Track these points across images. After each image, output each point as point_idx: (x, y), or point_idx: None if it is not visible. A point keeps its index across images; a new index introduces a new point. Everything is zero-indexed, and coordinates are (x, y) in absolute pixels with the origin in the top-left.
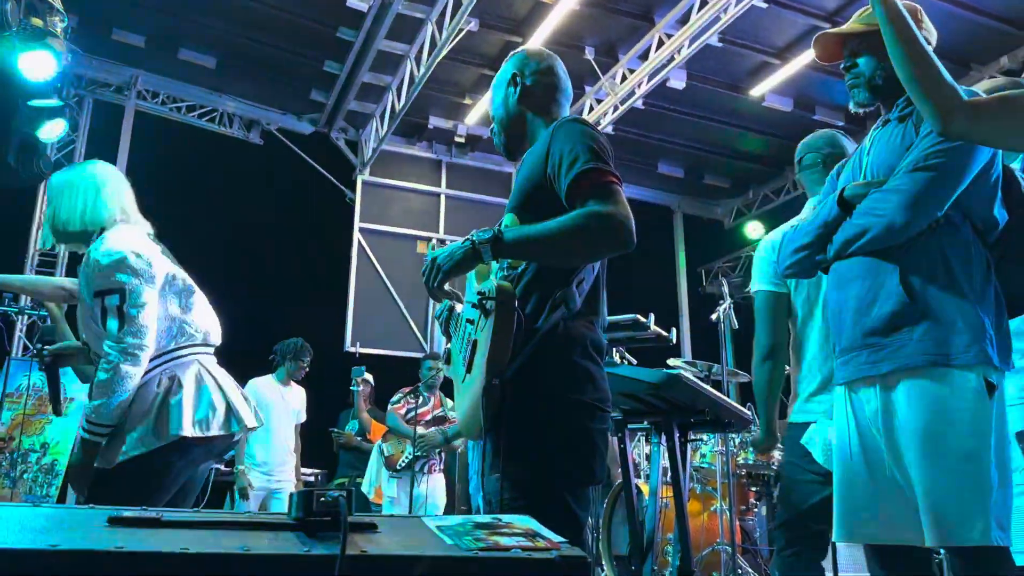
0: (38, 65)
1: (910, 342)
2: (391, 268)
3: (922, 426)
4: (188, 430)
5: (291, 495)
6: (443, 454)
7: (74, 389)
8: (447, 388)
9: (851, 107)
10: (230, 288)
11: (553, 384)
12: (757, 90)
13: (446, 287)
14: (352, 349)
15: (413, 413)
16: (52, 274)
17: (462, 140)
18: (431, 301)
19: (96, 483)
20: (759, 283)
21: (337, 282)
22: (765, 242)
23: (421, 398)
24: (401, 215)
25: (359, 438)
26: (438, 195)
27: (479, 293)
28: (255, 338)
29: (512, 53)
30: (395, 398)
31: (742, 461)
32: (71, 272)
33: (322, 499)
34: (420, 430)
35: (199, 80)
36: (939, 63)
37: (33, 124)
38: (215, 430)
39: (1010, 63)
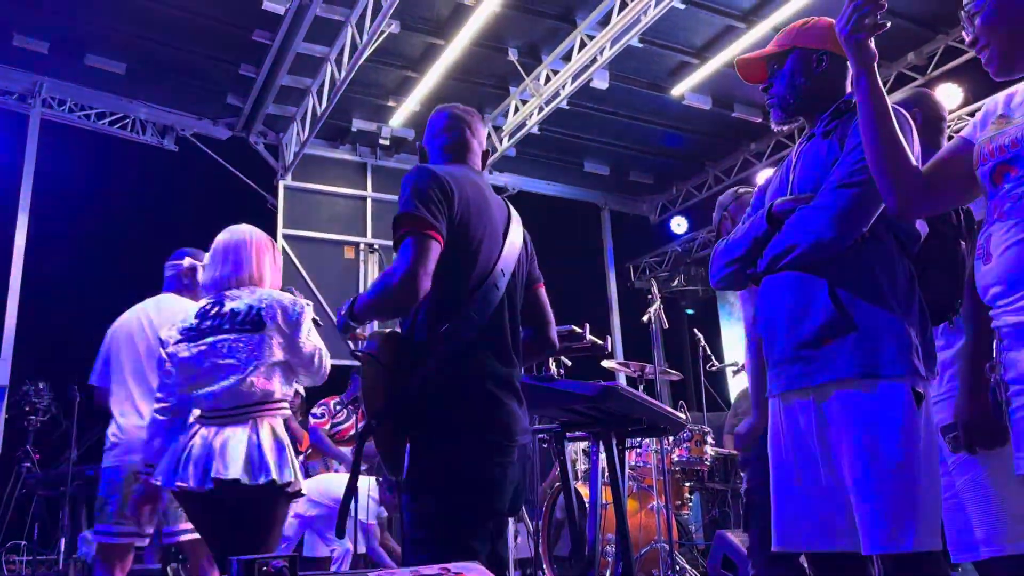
0: None
1: (841, 354)
2: (319, 274)
3: (854, 436)
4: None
5: (232, 562)
6: None
7: None
8: None
9: (772, 125)
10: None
11: (443, 420)
12: (677, 89)
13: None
14: None
15: (337, 429)
16: None
17: (387, 142)
18: None
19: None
20: None
21: None
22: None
23: (344, 413)
24: (327, 220)
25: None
26: (364, 199)
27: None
28: None
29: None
30: (316, 411)
31: (676, 458)
32: None
33: (265, 569)
34: (344, 450)
35: (108, 86)
36: (906, 145)
37: None
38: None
39: (916, 59)
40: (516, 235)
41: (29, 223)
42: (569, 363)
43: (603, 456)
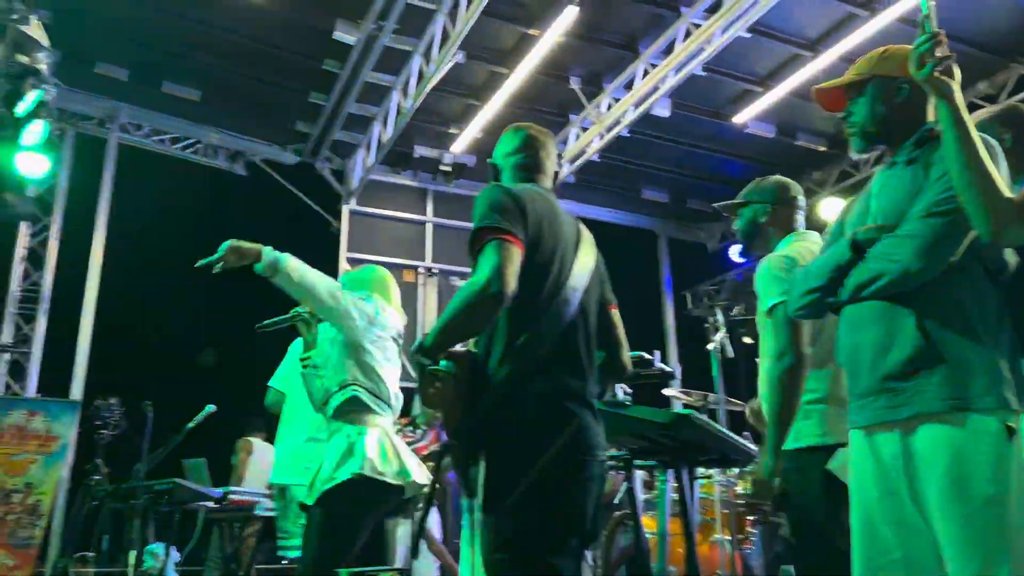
0: (23, 103)
1: (929, 387)
2: None
3: (943, 471)
4: (368, 471)
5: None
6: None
7: (60, 428)
8: None
9: (851, 154)
10: (218, 321)
11: (520, 438)
12: (740, 117)
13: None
14: None
15: (412, 447)
16: (34, 309)
17: (448, 169)
18: (420, 331)
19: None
20: (776, 297)
21: None
22: (772, 261)
23: (419, 432)
24: (388, 244)
25: None
26: (425, 223)
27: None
28: (245, 372)
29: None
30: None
31: (740, 491)
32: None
33: None
34: None
35: (183, 112)
36: (995, 171)
37: (15, 160)
38: (389, 477)
39: (987, 88)
40: (588, 254)
41: (105, 243)
42: (630, 390)
43: (672, 486)
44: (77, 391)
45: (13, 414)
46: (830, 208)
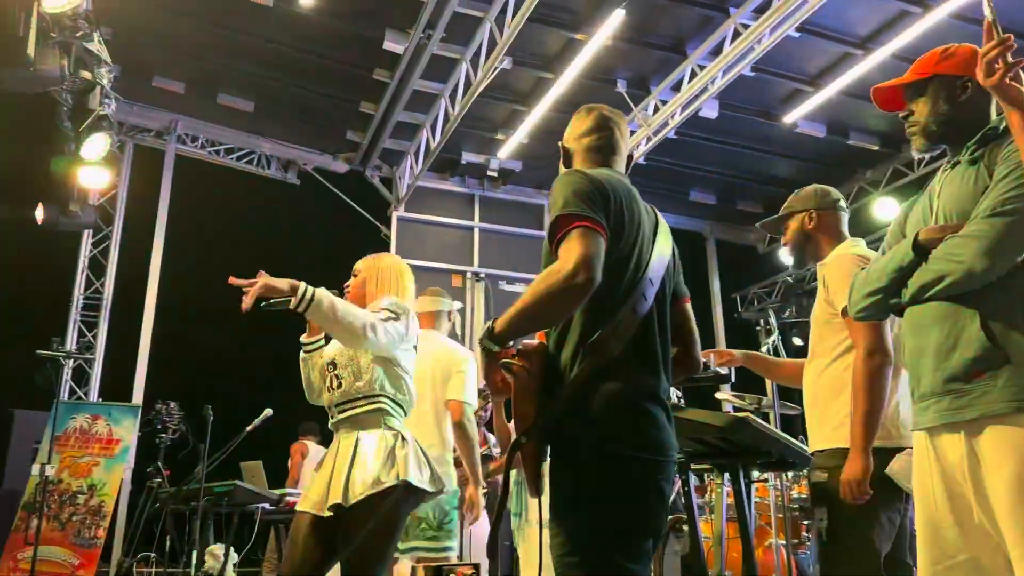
0: (85, 117)
1: (994, 388)
2: None
3: (1009, 473)
4: (413, 478)
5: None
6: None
7: (122, 432)
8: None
9: (912, 153)
10: (270, 326)
11: (594, 437)
12: (789, 117)
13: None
14: None
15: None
16: (96, 316)
17: (495, 174)
18: (469, 335)
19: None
20: None
21: None
22: (845, 260)
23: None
24: (436, 249)
25: None
26: (472, 229)
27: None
28: (298, 377)
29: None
30: None
31: (795, 495)
32: (115, 311)
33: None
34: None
35: (237, 123)
36: None
37: (77, 171)
38: (426, 484)
39: None
40: (665, 243)
41: (164, 251)
42: (680, 392)
43: (728, 489)
44: (138, 395)
45: (77, 418)
46: (884, 208)
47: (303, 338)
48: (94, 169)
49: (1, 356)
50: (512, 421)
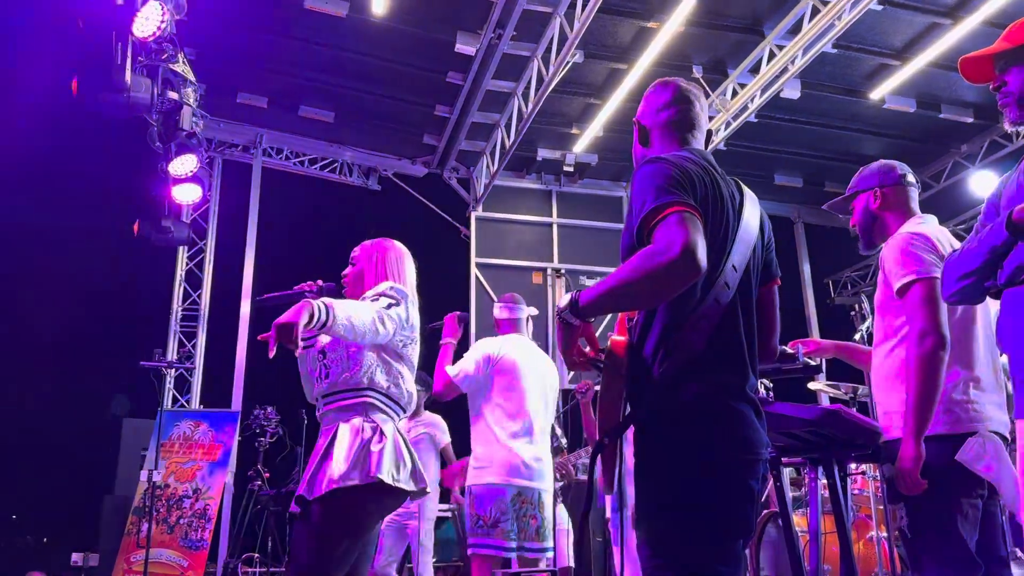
0: (176, 136)
1: None
2: None
3: None
4: (386, 476)
5: None
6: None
7: (223, 437)
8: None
9: (1005, 126)
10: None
11: (678, 437)
12: (876, 93)
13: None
14: None
15: None
16: (194, 327)
17: (571, 169)
18: (551, 331)
19: (301, 514)
20: (910, 276)
21: None
22: (900, 238)
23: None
24: (515, 247)
25: None
26: (550, 225)
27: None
28: None
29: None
30: None
31: None
32: (212, 321)
33: None
34: None
35: (319, 133)
36: None
37: (171, 188)
38: (404, 483)
39: None
40: (751, 222)
41: (255, 260)
42: (770, 384)
43: (822, 483)
44: (236, 402)
45: (180, 425)
46: (981, 183)
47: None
48: (186, 186)
49: (108, 368)
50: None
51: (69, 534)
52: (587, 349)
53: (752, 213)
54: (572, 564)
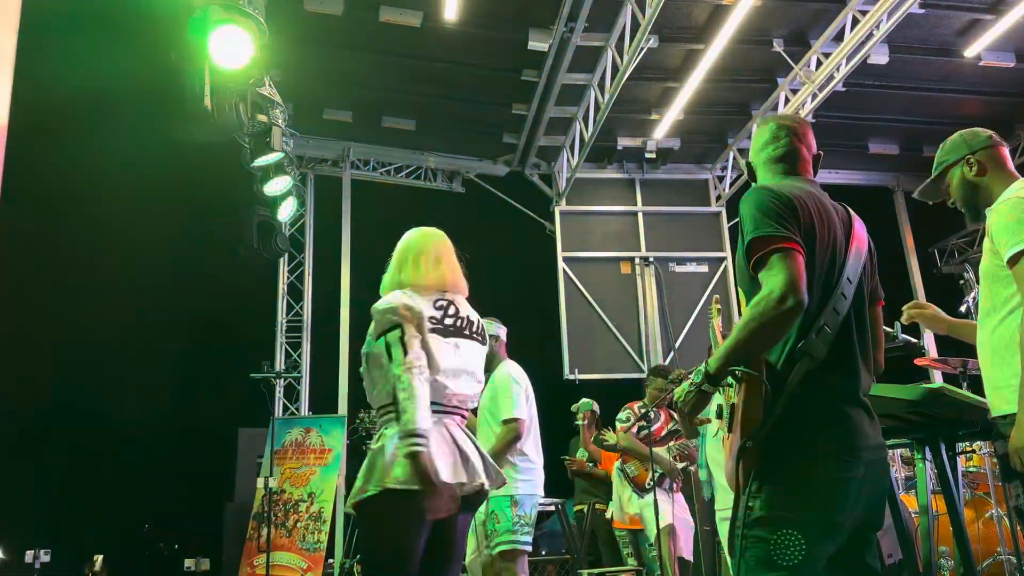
0: (269, 156)
1: None
2: (598, 292)
3: None
4: (393, 483)
5: None
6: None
7: (332, 442)
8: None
9: None
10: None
11: (794, 441)
12: (971, 50)
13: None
14: (571, 377)
15: (647, 431)
16: (299, 337)
17: (652, 155)
18: (643, 321)
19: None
20: (1021, 244)
21: (549, 312)
22: (1008, 203)
23: (653, 414)
24: (601, 239)
25: (590, 464)
26: (635, 213)
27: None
28: None
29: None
30: (622, 416)
31: None
32: (315, 330)
33: None
34: (657, 450)
35: (402, 142)
36: None
37: (268, 207)
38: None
39: None
40: (860, 241)
41: (351, 270)
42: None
43: (930, 463)
44: (343, 406)
45: (292, 432)
46: None
47: None
48: (282, 202)
49: (222, 381)
50: (735, 426)
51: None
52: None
53: (861, 235)
54: (691, 558)
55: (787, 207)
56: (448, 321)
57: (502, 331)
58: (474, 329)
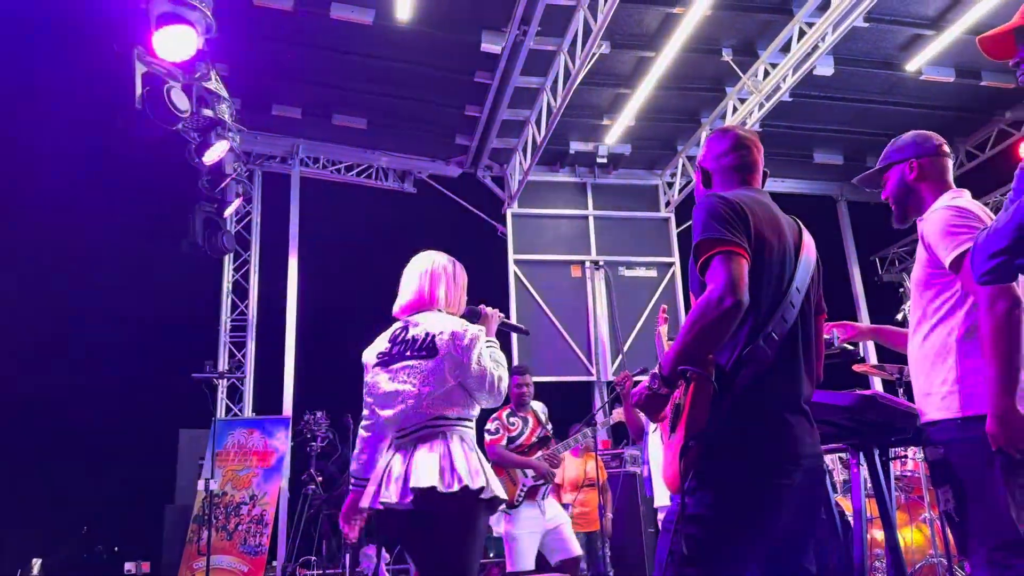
0: (214, 151)
1: None
2: (548, 295)
3: None
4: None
5: None
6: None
7: (276, 443)
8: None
9: None
10: None
11: (733, 444)
12: (913, 64)
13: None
14: None
15: (517, 443)
16: (243, 336)
17: (604, 161)
18: (592, 324)
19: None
20: (962, 247)
21: None
22: (944, 212)
23: (520, 423)
24: (552, 242)
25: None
26: (586, 217)
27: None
28: None
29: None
30: (490, 427)
31: None
32: (261, 330)
33: None
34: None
35: (353, 140)
36: None
37: (213, 202)
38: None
39: None
40: (810, 252)
41: (299, 269)
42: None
43: (864, 468)
44: (288, 408)
45: (234, 433)
46: None
47: None
48: (228, 198)
49: (163, 381)
50: (679, 425)
51: (136, 544)
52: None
53: (810, 247)
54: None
55: (737, 214)
56: (395, 350)
57: None
58: (417, 347)
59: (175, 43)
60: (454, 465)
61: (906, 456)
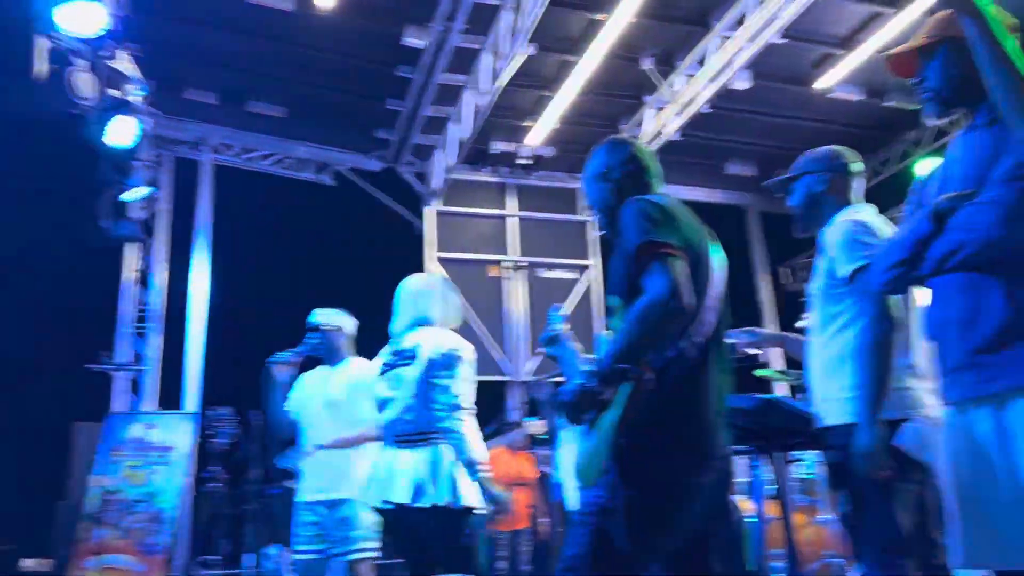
0: (120, 134)
1: (1019, 359)
2: (467, 294)
3: None
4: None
5: None
6: None
7: (177, 438)
8: None
9: (926, 121)
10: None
11: (664, 441)
12: (823, 82)
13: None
14: None
15: None
16: (147, 328)
17: (526, 162)
18: (510, 324)
19: None
20: (860, 261)
21: None
22: (846, 225)
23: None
24: (472, 241)
25: None
26: (506, 218)
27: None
28: None
29: (596, 147)
30: None
31: None
32: (167, 322)
33: None
34: None
35: (270, 129)
36: None
37: (118, 187)
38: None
39: None
40: (720, 261)
41: (211, 260)
42: None
43: (765, 470)
44: (192, 403)
45: (132, 428)
46: (928, 169)
47: None
48: (133, 183)
49: (57, 373)
50: (596, 424)
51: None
52: None
53: (720, 256)
54: None
55: (669, 217)
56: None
57: (348, 324)
58: (397, 361)
59: (80, 15)
60: (436, 479)
61: (803, 459)
